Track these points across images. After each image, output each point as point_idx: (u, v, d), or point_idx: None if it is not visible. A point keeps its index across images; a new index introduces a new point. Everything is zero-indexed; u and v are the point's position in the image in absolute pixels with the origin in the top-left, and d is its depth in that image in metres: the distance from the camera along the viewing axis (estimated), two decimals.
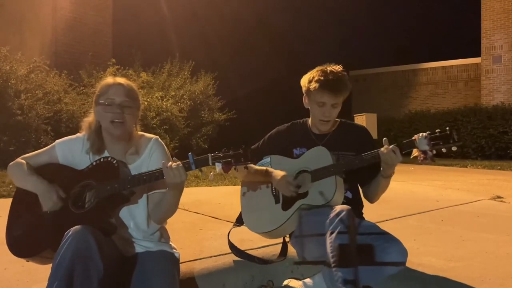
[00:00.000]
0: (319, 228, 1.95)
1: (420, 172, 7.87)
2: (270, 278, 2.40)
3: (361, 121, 10.24)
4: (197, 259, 2.46)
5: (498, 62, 14.37)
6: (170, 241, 2.06)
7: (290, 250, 2.44)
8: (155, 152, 2.00)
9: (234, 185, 5.96)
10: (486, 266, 2.50)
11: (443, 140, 1.98)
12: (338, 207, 1.96)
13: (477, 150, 12.52)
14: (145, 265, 1.84)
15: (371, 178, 2.24)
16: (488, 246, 2.95)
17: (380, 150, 2.07)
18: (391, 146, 2.05)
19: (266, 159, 2.36)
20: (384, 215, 3.76)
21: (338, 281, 1.72)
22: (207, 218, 3.71)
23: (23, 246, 1.85)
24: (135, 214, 1.95)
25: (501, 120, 12.47)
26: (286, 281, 2.24)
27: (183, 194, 1.93)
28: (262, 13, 16.67)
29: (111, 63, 10.11)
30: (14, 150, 7.00)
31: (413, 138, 2.04)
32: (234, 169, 1.84)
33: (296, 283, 2.19)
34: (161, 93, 10.61)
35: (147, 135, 2.07)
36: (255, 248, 2.65)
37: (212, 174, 1.89)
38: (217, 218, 3.67)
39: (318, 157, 2.20)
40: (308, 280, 2.14)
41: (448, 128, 2.01)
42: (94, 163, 1.90)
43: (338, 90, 2.24)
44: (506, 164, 10.32)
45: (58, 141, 2.04)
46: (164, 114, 9.93)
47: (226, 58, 14.21)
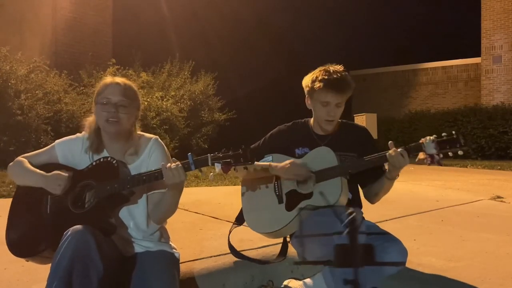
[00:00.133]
0: (325, 228, 1.94)
1: (420, 172, 7.86)
2: (270, 278, 2.40)
3: (361, 121, 10.23)
4: (197, 259, 2.46)
5: (498, 62, 14.37)
6: (170, 241, 2.06)
7: (290, 250, 2.44)
8: (155, 152, 2.00)
9: (234, 185, 5.96)
10: (486, 266, 2.50)
11: (450, 144, 2.00)
12: (350, 209, 1.96)
13: (477, 150, 12.51)
14: (145, 265, 1.84)
15: (374, 179, 2.23)
16: (488, 246, 2.95)
17: (388, 153, 2.07)
18: (400, 149, 2.05)
19: (268, 158, 2.33)
20: (384, 215, 3.76)
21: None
22: (207, 218, 3.71)
23: (23, 246, 1.85)
24: (135, 214, 1.95)
25: (501, 120, 12.47)
26: (286, 281, 2.24)
27: (183, 194, 1.93)
28: (262, 13, 16.68)
29: (111, 63, 10.11)
30: (14, 150, 7.00)
31: (420, 141, 2.05)
32: (234, 169, 1.84)
33: (296, 283, 2.18)
34: (161, 93, 10.61)
35: (147, 135, 2.07)
36: (255, 248, 2.65)
37: (211, 174, 1.89)
38: (217, 218, 3.67)
39: (322, 157, 2.19)
40: (308, 280, 2.13)
41: (454, 132, 2.02)
42: (94, 163, 1.91)
43: (342, 89, 2.24)
44: (506, 164, 10.32)
45: (58, 141, 2.05)
46: (164, 114, 9.93)
47: (226, 58, 14.21)
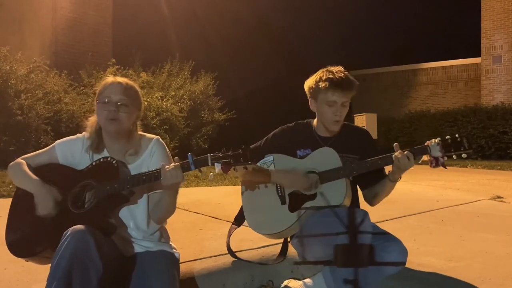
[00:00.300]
0: (329, 228, 1.93)
1: (420, 172, 7.86)
2: (270, 278, 2.39)
3: (361, 121, 10.23)
4: (197, 259, 2.46)
5: (498, 62, 14.37)
6: (170, 241, 2.06)
7: (290, 250, 2.43)
8: (156, 152, 2.00)
9: (234, 185, 5.96)
10: (486, 266, 2.50)
11: (455, 147, 2.02)
12: (358, 210, 1.96)
13: (477, 150, 12.50)
14: (144, 265, 1.84)
15: (375, 181, 2.23)
16: (488, 246, 2.94)
17: (394, 155, 2.07)
18: (406, 152, 2.06)
19: (269, 158, 2.31)
20: (384, 215, 3.76)
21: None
22: (207, 218, 3.71)
23: (23, 246, 1.85)
24: (136, 214, 1.95)
25: (501, 120, 12.47)
26: (286, 281, 2.23)
27: (183, 194, 1.94)
28: (262, 13, 16.69)
29: (111, 63, 10.12)
30: (14, 150, 7.00)
31: (425, 144, 2.06)
32: (234, 169, 1.84)
33: (296, 283, 2.18)
34: (161, 93, 10.61)
35: (148, 135, 2.07)
36: (255, 248, 2.65)
37: (211, 174, 1.88)
38: (217, 218, 3.66)
39: (326, 158, 2.18)
40: (308, 280, 2.13)
41: (457, 135, 2.04)
42: (94, 163, 1.91)
43: (348, 87, 2.24)
44: (506, 164, 10.32)
45: (58, 141, 2.05)
46: (164, 114, 9.94)
47: (226, 58, 14.22)
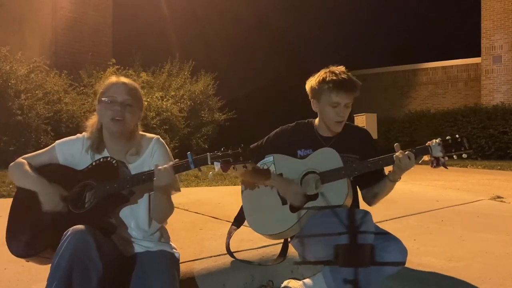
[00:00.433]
0: (329, 228, 1.93)
1: (420, 172, 7.86)
2: (270, 278, 2.39)
3: (361, 121, 10.23)
4: (197, 259, 2.46)
5: (498, 62, 14.36)
6: (170, 241, 2.06)
7: (290, 250, 2.43)
8: (157, 151, 2.01)
9: (234, 185, 5.96)
10: (486, 266, 2.50)
11: (456, 147, 2.04)
12: (359, 210, 1.96)
13: (477, 150, 12.49)
14: (145, 265, 1.84)
15: (375, 181, 2.23)
16: (488, 246, 2.94)
17: (395, 155, 2.08)
18: (407, 152, 2.06)
19: (269, 158, 2.30)
20: (384, 215, 3.76)
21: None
22: (207, 218, 3.71)
23: (23, 246, 1.85)
24: (137, 214, 1.95)
25: (501, 120, 12.46)
26: (286, 281, 2.23)
27: (183, 194, 1.94)
28: (262, 13, 16.69)
29: (111, 63, 10.12)
30: (14, 150, 7.00)
31: (426, 144, 2.07)
32: (233, 168, 1.83)
33: (296, 284, 2.18)
34: (161, 93, 10.61)
35: (149, 135, 2.07)
36: (255, 248, 2.65)
37: (211, 173, 1.88)
38: (217, 218, 3.66)
39: (327, 158, 2.18)
40: (308, 280, 2.13)
41: (458, 135, 2.06)
42: (94, 163, 1.91)
43: (352, 89, 2.24)
44: (506, 164, 10.32)
45: (58, 142, 2.05)
46: (164, 114, 9.94)
47: (226, 58, 14.21)
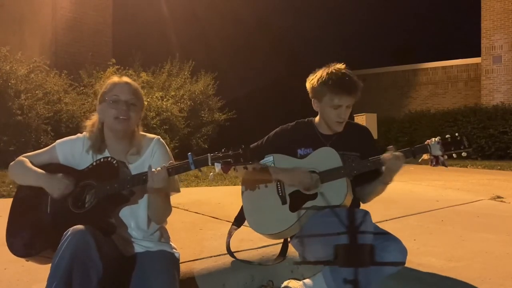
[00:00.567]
0: (329, 228, 1.93)
1: (420, 172, 7.86)
2: (270, 278, 2.40)
3: (361, 121, 10.23)
4: (197, 259, 2.46)
5: (498, 62, 14.36)
6: (170, 241, 2.07)
7: (290, 250, 2.43)
8: (157, 151, 2.01)
9: (234, 185, 5.96)
10: (486, 266, 2.50)
11: (455, 145, 2.04)
12: (359, 210, 1.95)
13: (477, 150, 12.49)
14: (145, 265, 1.84)
15: (371, 180, 2.22)
16: (488, 246, 2.94)
17: (382, 156, 2.08)
18: (395, 153, 2.06)
19: (269, 158, 2.30)
20: (384, 215, 3.76)
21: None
22: (207, 218, 3.71)
23: (23, 245, 1.85)
24: (137, 214, 1.95)
25: (501, 120, 12.46)
26: (286, 281, 2.23)
27: (183, 194, 1.94)
28: (262, 13, 16.69)
29: (111, 63, 10.11)
30: (14, 150, 7.00)
31: (425, 143, 2.07)
32: (234, 169, 1.83)
33: (296, 284, 2.18)
34: (161, 93, 10.62)
35: (149, 135, 2.08)
36: (255, 248, 2.65)
37: (211, 174, 1.89)
38: (217, 218, 3.66)
39: (326, 157, 2.17)
40: (308, 280, 2.13)
41: (457, 134, 2.06)
42: (94, 163, 1.91)
43: (354, 92, 2.22)
44: (506, 164, 10.32)
45: (58, 141, 2.05)
46: (164, 114, 9.94)
47: (226, 58, 14.21)
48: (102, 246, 1.66)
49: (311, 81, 2.29)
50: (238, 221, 2.46)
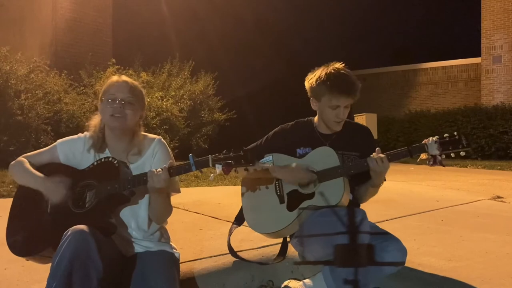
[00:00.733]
0: (328, 228, 1.93)
1: (420, 172, 7.87)
2: (270, 278, 2.40)
3: (361, 121, 10.23)
4: (197, 259, 2.46)
5: (498, 62, 14.36)
6: (170, 241, 2.07)
7: (290, 250, 2.44)
8: (159, 152, 2.01)
9: (234, 185, 5.96)
10: (486, 266, 2.50)
11: (453, 145, 2.01)
12: (356, 209, 1.95)
13: (477, 150, 12.49)
14: (145, 265, 1.84)
15: (363, 182, 2.22)
16: (488, 246, 2.95)
17: (367, 158, 2.06)
18: (379, 155, 2.05)
19: (268, 157, 2.28)
20: (384, 215, 3.76)
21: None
22: (207, 218, 3.71)
23: (23, 245, 1.85)
24: (138, 214, 1.95)
25: (501, 120, 12.46)
26: (286, 281, 2.23)
27: (183, 194, 1.94)
28: (262, 13, 16.67)
29: (111, 63, 10.11)
30: (14, 150, 7.00)
31: (423, 142, 2.06)
32: (234, 170, 1.84)
33: (296, 284, 2.18)
34: (161, 93, 10.61)
35: (150, 136, 2.08)
36: (255, 248, 2.66)
37: (212, 175, 1.89)
38: (217, 218, 3.67)
39: (324, 157, 2.17)
40: (308, 280, 2.13)
41: (456, 133, 2.04)
42: (95, 163, 1.91)
43: (353, 92, 2.21)
44: (506, 164, 10.32)
45: (59, 141, 2.05)
46: (164, 114, 9.94)
47: (226, 58, 14.19)
48: (102, 246, 1.66)
49: (310, 80, 2.28)
50: (239, 220, 2.46)
